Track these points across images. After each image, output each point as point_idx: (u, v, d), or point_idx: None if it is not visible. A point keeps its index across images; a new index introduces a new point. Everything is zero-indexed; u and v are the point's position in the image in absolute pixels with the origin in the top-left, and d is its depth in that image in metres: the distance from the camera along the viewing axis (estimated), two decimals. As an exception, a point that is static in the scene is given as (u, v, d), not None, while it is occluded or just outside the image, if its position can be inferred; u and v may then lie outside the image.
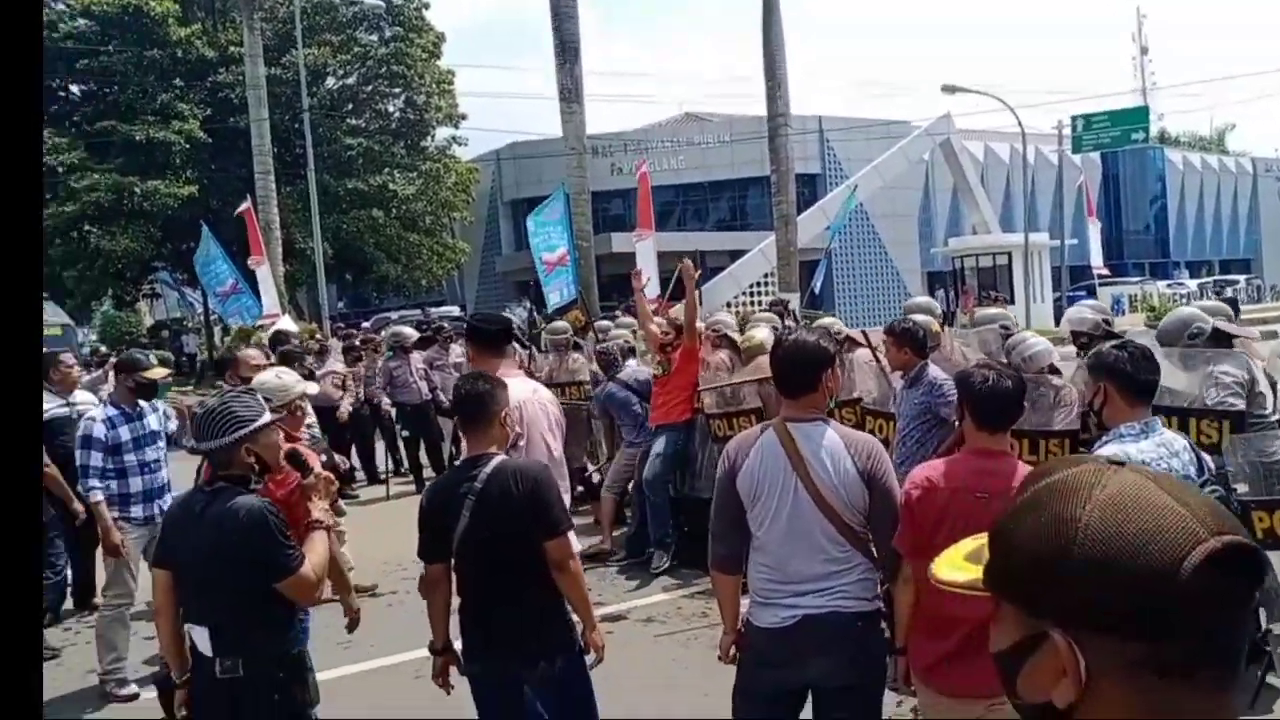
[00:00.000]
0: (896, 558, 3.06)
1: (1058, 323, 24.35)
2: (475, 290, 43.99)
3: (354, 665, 5.45)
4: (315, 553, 3.04)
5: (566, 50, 20.31)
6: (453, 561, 3.29)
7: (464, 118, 34.52)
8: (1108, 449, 3.01)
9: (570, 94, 20.41)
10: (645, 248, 17.36)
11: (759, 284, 26.28)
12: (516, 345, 10.12)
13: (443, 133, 34.84)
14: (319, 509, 3.20)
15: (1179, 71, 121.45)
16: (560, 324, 10.11)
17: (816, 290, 20.44)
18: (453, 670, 3.43)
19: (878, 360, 6.13)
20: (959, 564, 1.19)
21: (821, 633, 2.97)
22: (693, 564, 6.79)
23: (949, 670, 2.94)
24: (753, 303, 24.97)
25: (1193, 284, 40.84)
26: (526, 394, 4.14)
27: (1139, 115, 26.09)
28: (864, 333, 6.73)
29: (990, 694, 2.83)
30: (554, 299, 14.98)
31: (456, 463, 3.57)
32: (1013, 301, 25.69)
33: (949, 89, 27.07)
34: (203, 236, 18.83)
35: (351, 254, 31.72)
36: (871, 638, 3.07)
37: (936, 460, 3.14)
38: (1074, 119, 26.37)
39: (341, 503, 5.37)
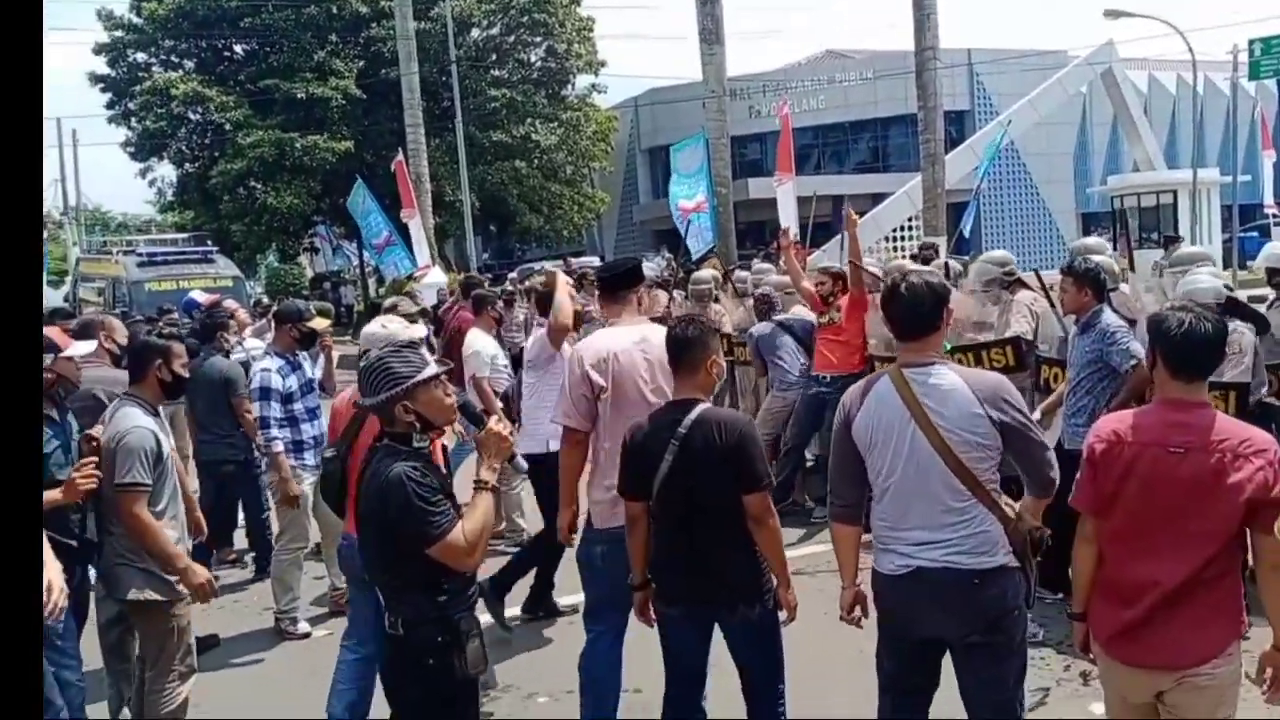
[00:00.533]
0: (1072, 515, 2.98)
1: (1227, 265, 22.90)
2: (614, 239, 44.35)
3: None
4: (473, 517, 2.91)
5: (706, -9, 20.05)
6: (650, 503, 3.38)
7: (604, 65, 34.58)
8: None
9: (711, 35, 20.16)
10: (785, 192, 17.08)
11: (903, 228, 25.54)
12: (660, 291, 10.28)
13: (583, 81, 35.07)
14: (486, 468, 3.01)
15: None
16: (704, 273, 10.15)
17: (965, 234, 19.67)
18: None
19: (1051, 303, 5.90)
20: None
21: (934, 587, 2.95)
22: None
23: (1134, 640, 2.81)
24: (895, 248, 24.35)
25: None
26: (626, 343, 3.97)
27: (1325, 36, 23.93)
28: (1037, 273, 6.57)
29: (1178, 666, 2.74)
30: (695, 246, 14.99)
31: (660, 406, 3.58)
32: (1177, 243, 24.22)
33: (1112, 14, 25.48)
34: (356, 189, 19.56)
35: (496, 205, 32.36)
36: (989, 595, 2.94)
37: (1125, 412, 3.00)
38: (1251, 42, 24.40)
39: (520, 459, 5.32)
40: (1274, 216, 29.60)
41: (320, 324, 6.15)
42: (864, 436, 3.07)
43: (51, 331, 4.68)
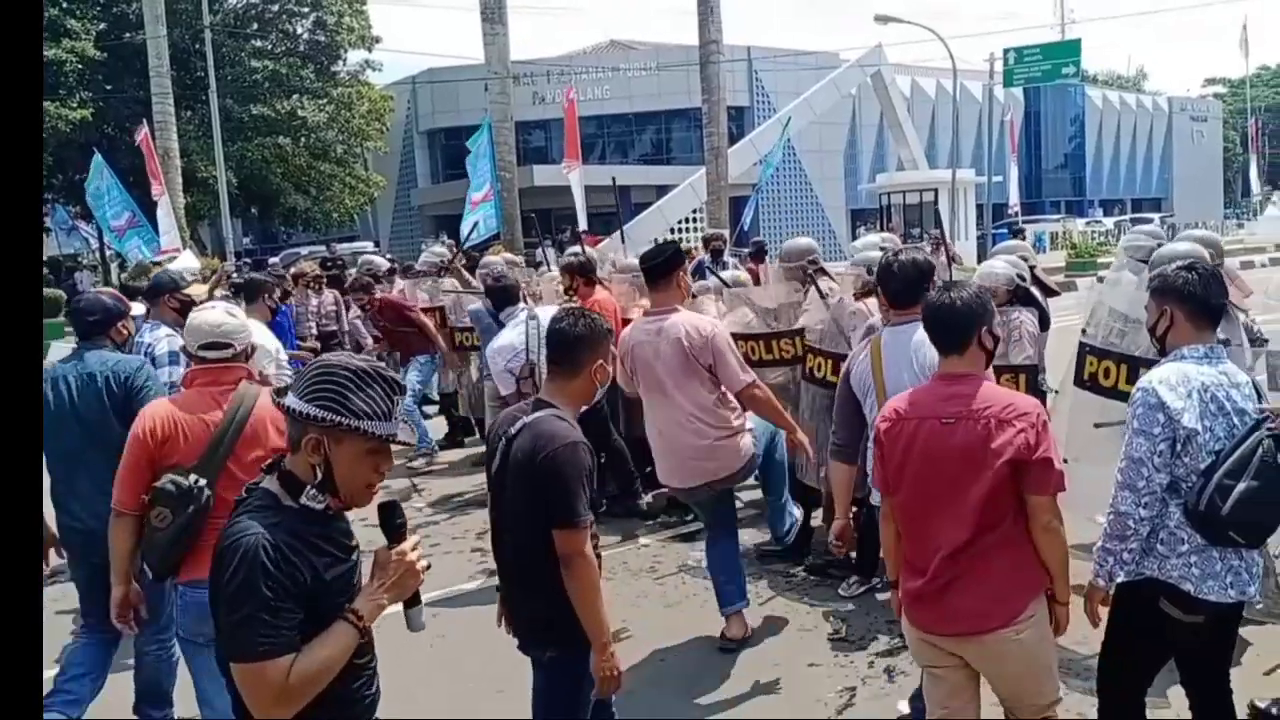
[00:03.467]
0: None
1: (979, 260, 24.33)
2: (390, 225, 42.49)
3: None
4: (312, 655, 2.02)
5: (488, -32, 19.10)
6: None
7: (378, 40, 32.81)
8: (1165, 369, 2.91)
9: (493, 13, 19.22)
10: (574, 179, 16.74)
11: (688, 220, 25.66)
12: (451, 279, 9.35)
13: (355, 57, 33.19)
14: (369, 598, 2.15)
15: (1097, 7, 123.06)
16: (491, 259, 9.36)
17: (745, 227, 19.90)
18: None
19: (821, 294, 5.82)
20: None
21: None
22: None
23: (930, 608, 2.93)
24: (681, 239, 24.36)
25: (1110, 222, 41.55)
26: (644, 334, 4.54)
27: (1071, 49, 25.84)
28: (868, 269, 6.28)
29: (975, 631, 2.85)
30: (465, 231, 14.03)
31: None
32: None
33: (881, 19, 26.49)
34: (94, 165, 17.35)
35: (257, 185, 30.10)
36: None
37: (907, 390, 3.14)
38: (1006, 52, 26.03)
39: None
40: (1011, 215, 31.93)
41: (199, 290, 5.32)
42: (860, 385, 3.83)
43: None
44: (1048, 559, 2.83)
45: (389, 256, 16.54)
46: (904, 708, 3.85)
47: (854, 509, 3.85)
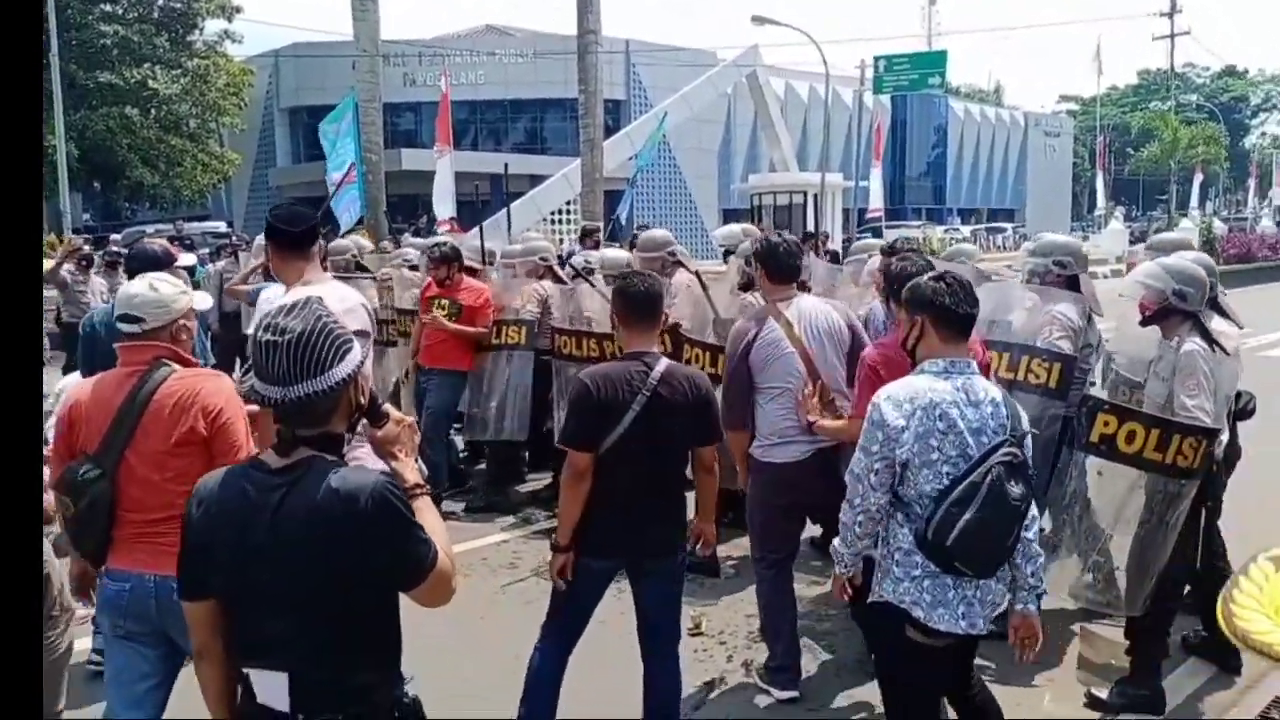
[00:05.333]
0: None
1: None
2: (245, 204, 40.61)
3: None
4: (436, 532, 2.09)
5: (359, -60, 18.27)
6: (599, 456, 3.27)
7: (239, 10, 31.15)
8: (897, 383, 2.87)
9: (364, -13, 18.44)
10: (444, 165, 16.24)
11: (562, 211, 25.26)
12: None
13: (214, 26, 31.41)
14: (411, 469, 2.18)
15: (961, 20, 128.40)
16: (342, 242, 8.79)
17: (622, 220, 19.71)
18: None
19: (704, 286, 5.83)
20: None
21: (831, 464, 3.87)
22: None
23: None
24: (555, 230, 23.96)
25: (966, 230, 43.15)
26: None
27: (938, 59, 26.58)
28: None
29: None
30: (345, 219, 13.45)
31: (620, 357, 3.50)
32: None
33: (758, 20, 26.63)
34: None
35: (101, 157, 28.15)
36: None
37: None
38: (876, 59, 26.59)
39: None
40: (870, 219, 32.75)
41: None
42: (768, 355, 3.97)
43: None
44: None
45: (240, 235, 15.61)
46: (763, 700, 4.07)
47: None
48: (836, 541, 3.01)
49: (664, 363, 3.31)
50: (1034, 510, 2.84)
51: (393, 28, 23.37)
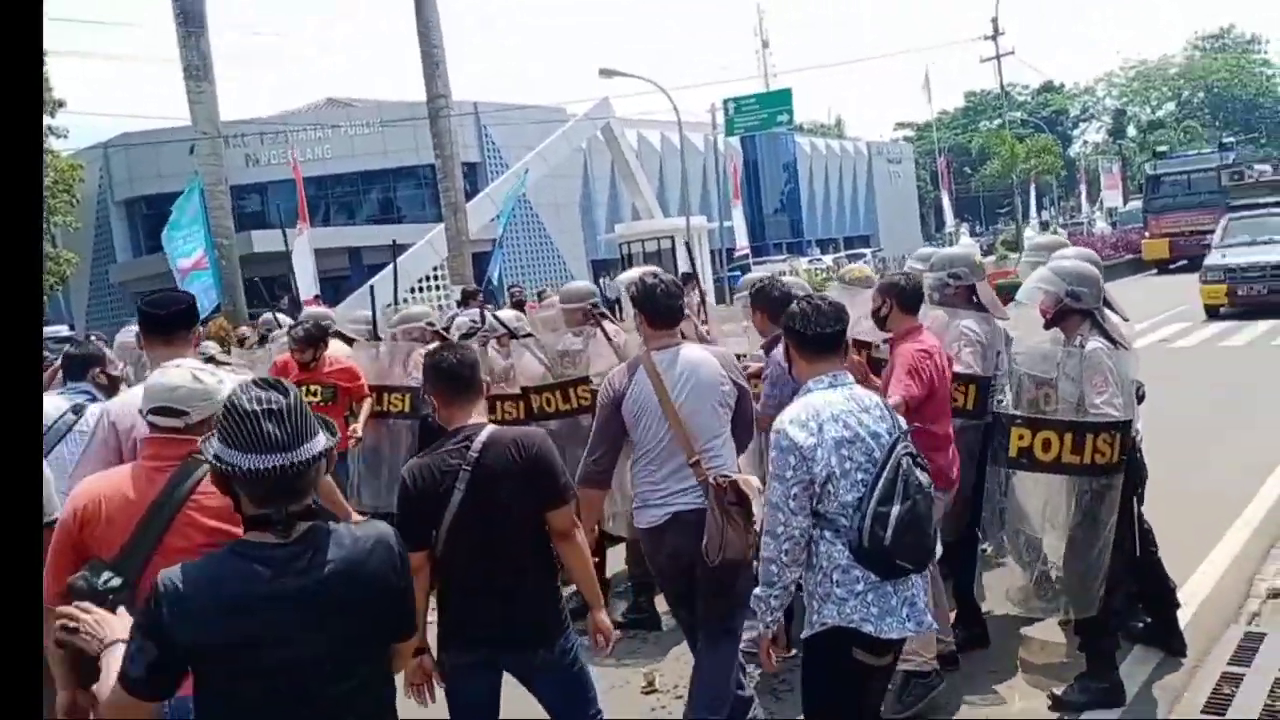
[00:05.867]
0: None
1: (720, 299, 24.91)
2: (86, 304, 38.28)
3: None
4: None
5: (190, 20, 17.42)
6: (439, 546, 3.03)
7: (61, 105, 29.41)
8: (795, 406, 2.88)
9: (198, 70, 17.59)
10: (302, 244, 15.67)
11: (429, 278, 24.58)
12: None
13: (33, 121, 29.54)
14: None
15: (797, 58, 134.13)
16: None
17: (494, 281, 19.32)
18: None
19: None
20: None
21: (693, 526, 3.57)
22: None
23: None
24: (425, 298, 23.24)
25: (828, 259, 44.15)
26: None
27: (784, 97, 27.25)
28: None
29: None
30: (201, 307, 12.53)
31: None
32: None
33: (606, 73, 26.70)
34: None
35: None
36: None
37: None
38: (725, 102, 27.03)
39: None
40: (737, 257, 33.16)
41: None
42: (639, 408, 3.67)
43: None
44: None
45: (93, 335, 14.58)
46: None
47: None
48: (759, 589, 2.85)
49: (487, 431, 3.06)
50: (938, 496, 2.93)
51: (229, 109, 22.58)
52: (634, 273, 7.76)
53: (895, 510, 2.68)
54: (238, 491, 1.98)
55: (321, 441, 1.98)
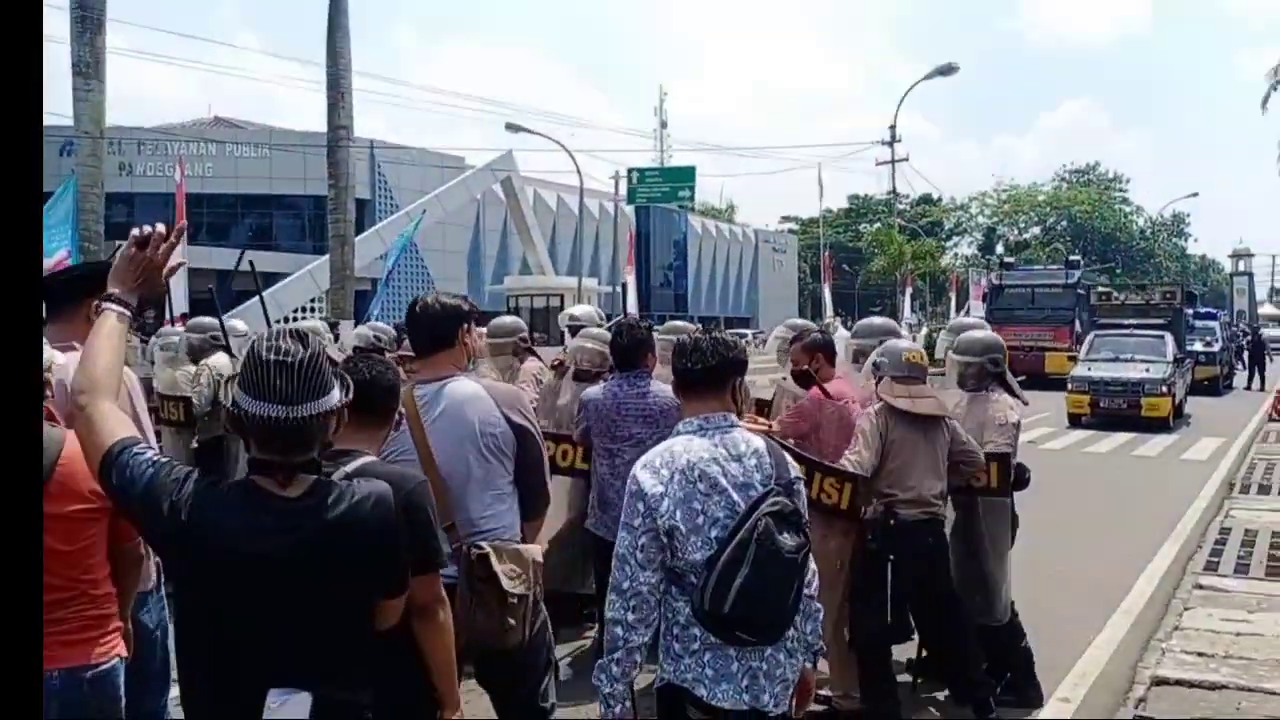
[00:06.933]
0: None
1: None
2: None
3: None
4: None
5: (87, 19, 16.55)
6: None
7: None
8: (655, 450, 2.63)
9: (90, 69, 16.67)
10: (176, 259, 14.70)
11: (305, 309, 23.71)
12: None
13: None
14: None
15: (691, 137, 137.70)
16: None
17: (373, 318, 18.80)
18: None
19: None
20: None
21: None
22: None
23: None
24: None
25: (709, 336, 44.73)
26: None
27: (687, 174, 27.72)
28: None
29: None
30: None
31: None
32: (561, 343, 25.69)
33: (513, 127, 26.66)
34: None
35: None
36: None
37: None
38: (630, 171, 27.28)
39: None
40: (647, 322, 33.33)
41: None
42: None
43: None
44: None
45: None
46: None
47: None
48: (601, 659, 2.51)
49: (360, 460, 2.66)
50: (812, 564, 2.59)
51: (108, 114, 21.39)
52: (581, 308, 7.41)
53: (741, 576, 2.40)
54: (247, 433, 2.02)
55: (332, 399, 2.02)
